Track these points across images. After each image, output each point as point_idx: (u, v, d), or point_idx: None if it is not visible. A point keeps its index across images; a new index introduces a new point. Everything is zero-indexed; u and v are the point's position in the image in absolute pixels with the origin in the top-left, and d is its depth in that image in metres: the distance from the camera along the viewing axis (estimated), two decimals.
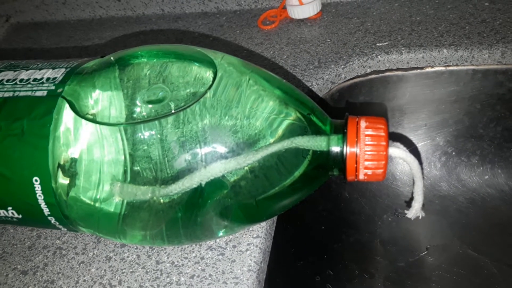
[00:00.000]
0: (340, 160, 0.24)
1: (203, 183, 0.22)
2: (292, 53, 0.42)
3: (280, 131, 0.23)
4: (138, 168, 0.22)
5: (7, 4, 0.59)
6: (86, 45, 0.51)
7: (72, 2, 0.56)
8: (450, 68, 0.39)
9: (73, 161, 0.22)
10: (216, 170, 0.22)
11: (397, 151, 0.25)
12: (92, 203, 0.23)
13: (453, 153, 0.43)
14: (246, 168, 0.22)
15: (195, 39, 0.48)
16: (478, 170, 0.43)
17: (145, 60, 0.24)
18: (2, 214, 0.25)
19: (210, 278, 0.25)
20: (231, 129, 0.22)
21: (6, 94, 0.24)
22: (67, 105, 0.23)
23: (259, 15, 0.49)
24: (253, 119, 0.22)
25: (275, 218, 0.29)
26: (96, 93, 0.23)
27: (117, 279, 0.26)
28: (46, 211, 0.23)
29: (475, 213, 0.41)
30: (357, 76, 0.40)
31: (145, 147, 0.22)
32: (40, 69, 0.25)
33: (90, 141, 0.22)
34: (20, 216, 0.24)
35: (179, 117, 0.22)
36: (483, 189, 0.42)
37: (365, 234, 0.41)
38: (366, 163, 0.23)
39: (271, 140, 0.23)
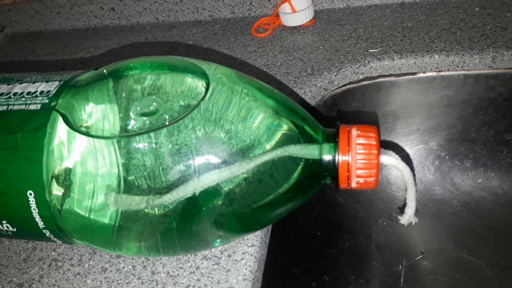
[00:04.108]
0: (332, 169, 0.24)
1: (197, 192, 0.22)
2: (286, 61, 0.42)
3: (273, 141, 0.23)
4: (132, 179, 0.22)
5: (1, 14, 0.59)
6: (81, 54, 0.52)
7: (66, 11, 0.56)
8: (442, 73, 0.40)
9: (67, 174, 0.22)
10: (209, 179, 0.22)
11: (389, 159, 0.25)
12: (86, 215, 0.23)
13: (447, 157, 0.44)
14: (240, 177, 0.22)
15: (189, 47, 0.48)
16: (472, 173, 0.43)
17: (139, 72, 0.25)
18: None
19: None
20: (224, 139, 0.22)
21: (0, 108, 0.24)
22: (60, 119, 0.23)
23: (252, 23, 0.50)
24: (246, 129, 0.23)
25: (270, 225, 0.29)
26: (90, 106, 0.23)
27: None
28: (40, 224, 0.23)
29: (469, 216, 0.42)
30: (350, 83, 0.41)
31: (139, 159, 0.22)
32: (33, 82, 0.25)
33: (84, 154, 0.22)
34: (15, 230, 0.25)
35: (172, 129, 0.22)
36: (477, 193, 0.43)
37: (360, 239, 0.41)
38: (358, 171, 0.23)
39: (264, 149, 0.23)
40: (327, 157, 0.24)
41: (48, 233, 0.24)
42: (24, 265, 0.28)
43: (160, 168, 0.22)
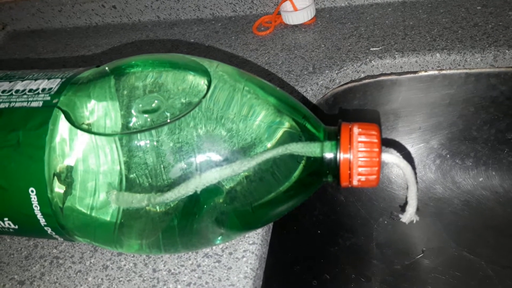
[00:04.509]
0: (334, 167, 0.24)
1: (199, 190, 0.22)
2: (287, 59, 0.42)
3: (274, 139, 0.23)
4: (134, 177, 0.22)
5: (3, 12, 0.59)
6: (82, 52, 0.52)
7: (68, 9, 0.56)
8: (443, 72, 0.40)
9: (69, 171, 0.22)
10: (211, 177, 0.22)
11: (390, 157, 0.25)
12: (88, 212, 0.23)
13: (448, 155, 0.44)
14: (241, 175, 0.22)
15: (190, 45, 0.48)
16: (473, 172, 0.43)
17: (141, 69, 0.25)
18: None
19: (206, 286, 0.25)
20: (226, 137, 0.22)
21: (2, 105, 0.24)
22: (62, 116, 0.23)
23: (254, 21, 0.50)
24: (247, 127, 0.23)
25: (271, 223, 0.29)
26: (92, 103, 0.23)
27: (114, 287, 0.26)
28: (42, 221, 0.23)
29: (470, 215, 0.42)
30: (351, 81, 0.41)
31: (141, 157, 0.22)
32: (35, 80, 0.25)
33: (85, 151, 0.22)
34: (16, 227, 0.25)
35: (174, 126, 0.22)
36: (478, 191, 0.43)
37: (361, 237, 0.41)
38: (360, 169, 0.23)
39: (266, 147, 0.23)
40: (328, 155, 0.24)
41: (49, 231, 0.24)
42: (25, 263, 0.28)
43: (162, 165, 0.22)
